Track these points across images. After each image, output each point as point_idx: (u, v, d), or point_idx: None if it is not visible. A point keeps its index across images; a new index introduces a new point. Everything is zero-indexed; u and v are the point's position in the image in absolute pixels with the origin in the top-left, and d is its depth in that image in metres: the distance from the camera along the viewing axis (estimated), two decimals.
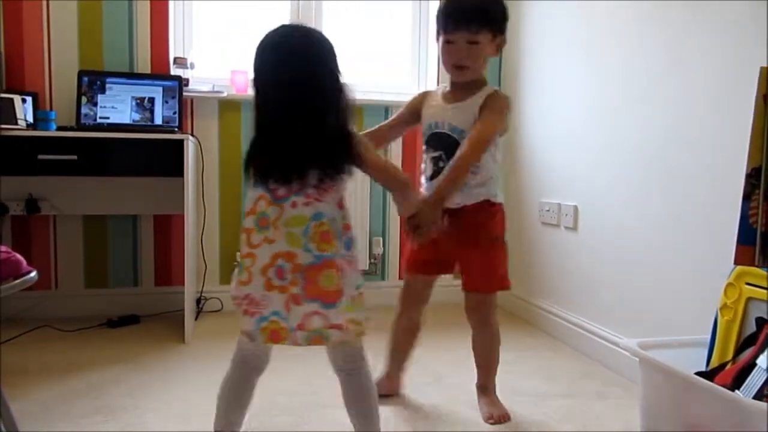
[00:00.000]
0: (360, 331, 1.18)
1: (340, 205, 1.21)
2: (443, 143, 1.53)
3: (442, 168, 1.52)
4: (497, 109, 1.48)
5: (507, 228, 1.64)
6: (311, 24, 2.72)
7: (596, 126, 2.13)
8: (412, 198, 1.33)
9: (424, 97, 1.63)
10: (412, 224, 1.41)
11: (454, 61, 1.47)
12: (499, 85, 2.89)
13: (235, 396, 1.26)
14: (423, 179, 1.61)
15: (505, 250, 1.61)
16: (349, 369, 1.24)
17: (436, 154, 1.55)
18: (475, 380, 1.68)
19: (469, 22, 1.42)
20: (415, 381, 1.83)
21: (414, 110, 1.62)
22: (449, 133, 1.52)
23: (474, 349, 1.66)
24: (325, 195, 1.17)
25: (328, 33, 1.23)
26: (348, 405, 1.26)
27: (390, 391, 1.73)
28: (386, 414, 1.61)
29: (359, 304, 1.18)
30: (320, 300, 1.13)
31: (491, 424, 1.57)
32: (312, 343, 1.15)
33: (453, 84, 1.55)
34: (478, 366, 1.66)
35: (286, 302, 1.14)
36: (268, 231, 1.15)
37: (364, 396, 1.25)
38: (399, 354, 1.75)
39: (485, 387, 1.65)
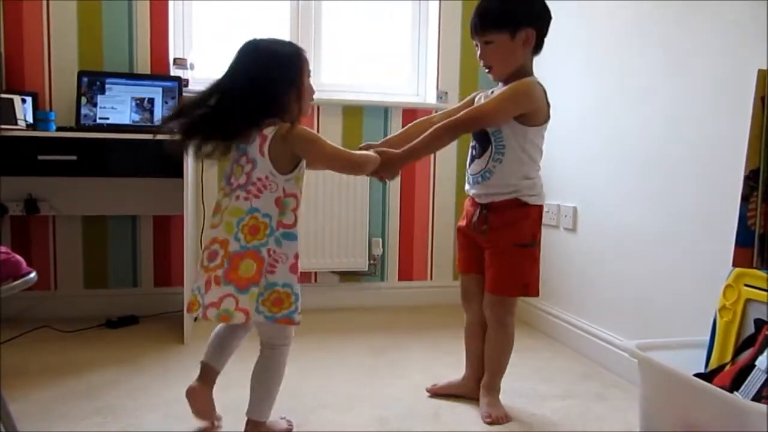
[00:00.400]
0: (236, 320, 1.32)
1: (278, 204, 1.33)
2: (477, 134, 1.59)
3: (474, 156, 1.59)
4: (506, 93, 1.49)
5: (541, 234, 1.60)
6: (311, 25, 2.74)
7: (595, 127, 2.13)
8: (375, 164, 1.48)
9: (476, 96, 1.68)
10: (377, 174, 1.50)
11: (482, 62, 1.53)
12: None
13: (220, 341, 1.52)
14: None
15: (534, 257, 1.58)
16: (266, 347, 1.41)
17: (473, 143, 1.62)
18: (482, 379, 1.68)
19: (477, 26, 1.49)
20: (414, 383, 1.83)
21: (466, 107, 1.63)
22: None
23: (486, 348, 1.66)
24: (263, 192, 1.33)
25: (327, 34, 1.25)
26: (252, 378, 1.40)
27: (462, 393, 1.72)
28: (384, 414, 1.61)
29: (270, 298, 1.32)
30: (234, 284, 1.30)
31: (488, 423, 1.57)
32: (220, 320, 1.34)
33: (499, 83, 1.58)
34: (487, 365, 1.66)
35: (206, 281, 1.32)
36: (215, 217, 1.36)
37: (264, 374, 1.40)
38: (470, 355, 1.75)
39: (490, 387, 1.65)
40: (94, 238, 2.54)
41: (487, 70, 1.55)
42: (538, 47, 1.53)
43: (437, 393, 1.75)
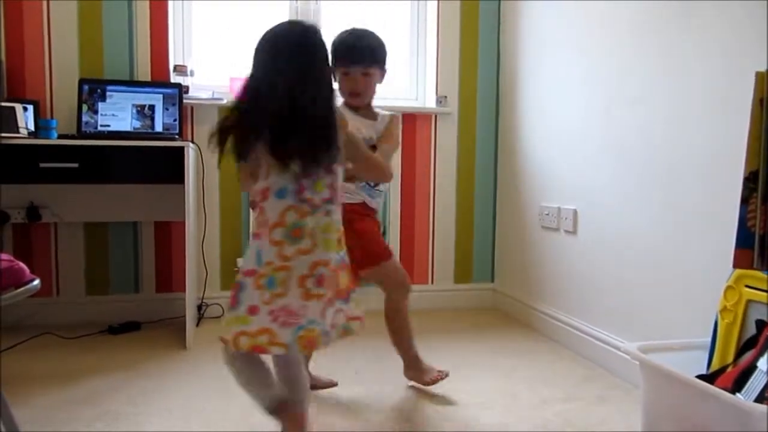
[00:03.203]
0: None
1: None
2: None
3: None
4: (397, 131, 1.81)
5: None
6: None
7: (595, 130, 2.14)
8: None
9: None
10: None
11: (352, 89, 1.73)
12: (497, 89, 2.90)
13: (260, 380, 1.29)
14: (358, 186, 1.76)
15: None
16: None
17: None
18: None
19: (363, 58, 1.71)
20: (415, 387, 1.83)
21: None
22: (368, 142, 1.71)
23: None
24: (336, 199, 1.23)
25: (326, 37, 1.26)
26: (283, 375, 1.31)
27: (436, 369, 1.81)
28: (384, 418, 1.61)
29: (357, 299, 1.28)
30: (340, 298, 1.23)
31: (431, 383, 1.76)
32: (341, 336, 1.23)
33: (350, 106, 1.76)
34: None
35: (322, 309, 1.19)
36: (303, 242, 1.17)
37: (297, 371, 1.32)
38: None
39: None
40: (95, 245, 2.55)
41: (353, 96, 1.74)
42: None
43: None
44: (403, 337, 1.81)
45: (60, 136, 2.18)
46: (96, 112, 2.34)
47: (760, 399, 1.17)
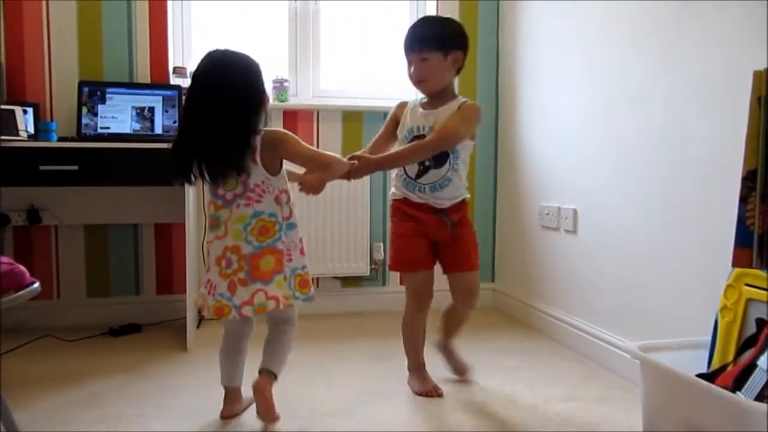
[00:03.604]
0: (287, 304, 1.51)
1: (277, 201, 1.50)
2: None
3: (428, 166, 1.73)
4: (465, 114, 1.73)
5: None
6: (309, 29, 2.75)
7: (595, 129, 2.14)
8: (343, 168, 1.63)
9: (403, 106, 1.85)
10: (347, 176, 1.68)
11: (415, 77, 1.74)
12: (497, 90, 2.90)
13: (231, 358, 1.61)
14: (400, 180, 1.79)
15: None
16: (279, 327, 1.59)
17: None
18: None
19: (415, 44, 1.71)
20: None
21: (396, 119, 1.84)
22: (413, 132, 1.75)
23: (461, 316, 1.88)
24: (262, 196, 1.47)
25: (325, 40, 1.27)
26: (265, 347, 1.57)
27: (434, 384, 1.82)
28: (386, 419, 1.61)
29: (297, 282, 1.54)
30: (259, 281, 1.46)
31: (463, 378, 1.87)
32: (257, 312, 1.46)
33: (427, 96, 1.80)
34: (456, 328, 1.91)
35: (230, 285, 1.45)
36: (218, 229, 1.48)
37: (279, 343, 1.58)
38: (419, 347, 1.87)
39: (452, 347, 1.93)
40: (96, 247, 2.55)
41: (419, 84, 1.75)
42: (459, 70, 1.78)
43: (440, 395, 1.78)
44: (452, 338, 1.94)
45: (60, 139, 2.19)
46: (96, 114, 2.34)
47: (760, 397, 1.17)
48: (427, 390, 1.77)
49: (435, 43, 1.70)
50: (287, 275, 1.51)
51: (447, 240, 1.79)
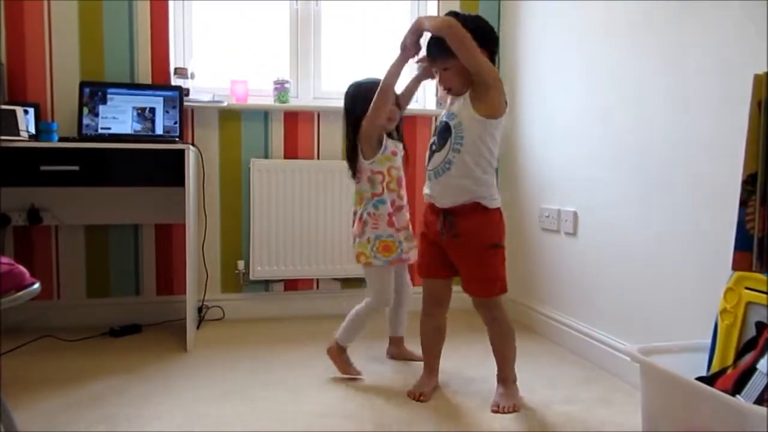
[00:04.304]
0: (367, 262, 1.91)
1: (369, 181, 1.92)
2: (439, 130, 1.72)
3: (434, 151, 1.69)
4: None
5: (506, 233, 1.71)
6: (310, 30, 2.76)
7: (595, 132, 2.14)
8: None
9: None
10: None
11: (442, 86, 1.73)
12: None
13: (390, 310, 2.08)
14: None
15: (502, 257, 1.70)
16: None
17: (433, 139, 1.75)
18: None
19: (432, 56, 1.69)
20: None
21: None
22: (446, 120, 1.69)
23: (492, 344, 1.77)
24: (360, 177, 1.95)
25: (326, 41, 1.27)
26: (351, 314, 1.96)
27: (424, 389, 1.80)
28: (387, 420, 1.61)
29: (372, 246, 1.89)
30: (356, 238, 1.95)
31: (493, 412, 1.65)
32: (358, 261, 1.95)
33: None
34: (496, 359, 1.77)
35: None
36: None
37: (351, 315, 1.95)
38: (432, 356, 1.84)
39: (505, 378, 1.75)
40: (96, 247, 2.55)
41: (447, 91, 1.72)
42: (492, 60, 1.66)
43: (430, 397, 1.77)
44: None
45: (61, 139, 2.19)
46: (97, 114, 2.35)
47: (760, 401, 1.17)
48: (410, 391, 1.78)
49: (450, 51, 1.60)
50: (370, 239, 1.89)
51: (450, 250, 1.69)
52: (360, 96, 1.90)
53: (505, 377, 1.74)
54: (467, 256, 1.68)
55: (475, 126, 1.60)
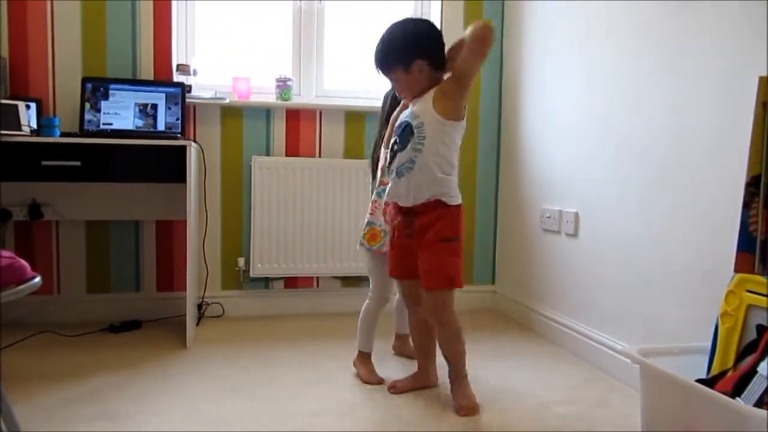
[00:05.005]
0: (361, 245, 1.94)
1: (381, 170, 1.89)
2: (399, 128, 1.69)
3: (396, 152, 1.67)
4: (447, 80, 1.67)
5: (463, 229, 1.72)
6: (313, 29, 2.75)
7: (597, 133, 2.14)
8: None
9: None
10: None
11: (397, 92, 1.77)
12: (500, 93, 2.90)
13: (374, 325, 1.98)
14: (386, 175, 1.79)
15: (456, 251, 1.68)
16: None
17: (394, 138, 1.71)
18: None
19: (377, 66, 1.71)
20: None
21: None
22: (407, 120, 1.67)
23: (439, 344, 1.78)
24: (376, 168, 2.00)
25: (329, 41, 1.27)
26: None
27: (427, 384, 1.84)
28: (386, 418, 1.61)
29: (364, 231, 1.92)
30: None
31: (463, 416, 1.65)
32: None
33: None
34: (446, 359, 1.76)
35: None
36: None
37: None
38: (418, 348, 1.88)
39: (455, 376, 1.75)
40: (97, 243, 2.55)
41: (401, 96, 1.75)
42: (440, 66, 1.66)
43: (402, 391, 1.80)
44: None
45: (62, 134, 2.19)
46: (99, 110, 2.35)
47: (759, 403, 1.17)
48: (391, 383, 1.83)
49: (390, 62, 1.67)
50: (365, 224, 1.92)
51: (414, 248, 1.69)
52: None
53: (457, 375, 1.74)
54: (421, 248, 1.68)
55: (437, 127, 1.62)
